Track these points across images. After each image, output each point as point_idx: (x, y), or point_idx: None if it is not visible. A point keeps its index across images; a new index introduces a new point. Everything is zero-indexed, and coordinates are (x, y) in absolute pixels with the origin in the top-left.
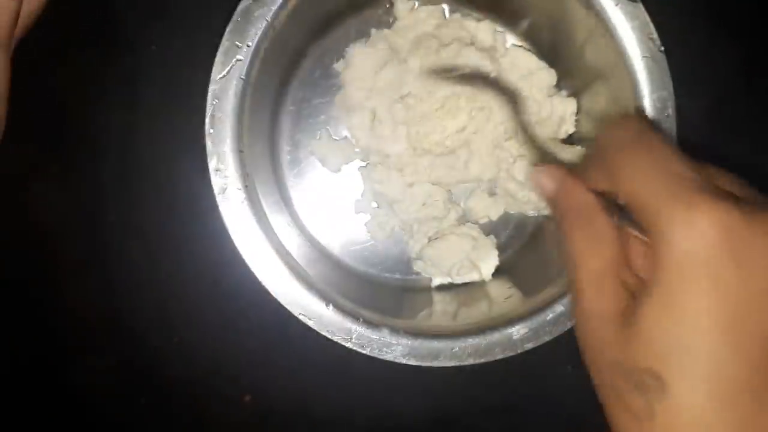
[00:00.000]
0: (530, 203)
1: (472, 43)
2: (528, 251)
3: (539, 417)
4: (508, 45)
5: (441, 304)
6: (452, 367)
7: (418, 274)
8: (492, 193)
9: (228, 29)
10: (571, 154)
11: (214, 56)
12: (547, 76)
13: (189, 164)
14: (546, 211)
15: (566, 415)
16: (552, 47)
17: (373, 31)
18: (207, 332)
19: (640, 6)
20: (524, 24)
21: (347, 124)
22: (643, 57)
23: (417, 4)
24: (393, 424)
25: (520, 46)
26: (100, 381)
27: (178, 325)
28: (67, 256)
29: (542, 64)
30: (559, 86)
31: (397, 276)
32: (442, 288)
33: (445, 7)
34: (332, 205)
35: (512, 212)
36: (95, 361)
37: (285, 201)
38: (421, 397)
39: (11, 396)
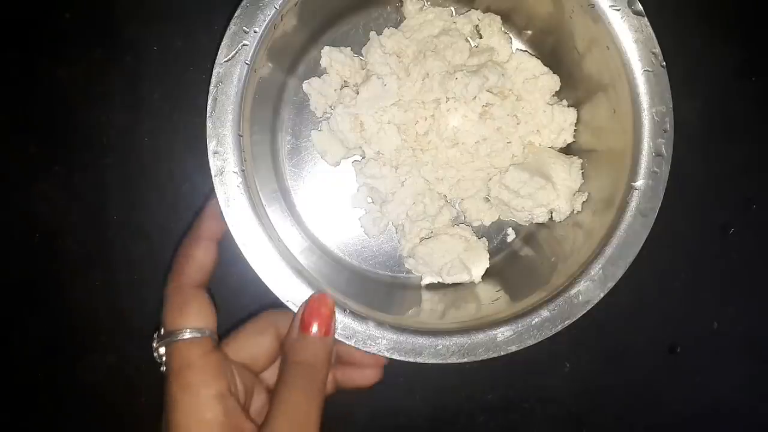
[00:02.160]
0: (523, 212)
1: (477, 45)
2: (518, 256)
3: (537, 413)
4: (513, 49)
5: (429, 302)
6: (451, 364)
7: (408, 271)
8: (488, 198)
9: (236, 14)
10: (568, 163)
11: (214, 58)
12: (550, 80)
13: (190, 163)
14: (539, 220)
15: (564, 413)
16: (555, 56)
17: (372, 34)
18: None
19: (645, 20)
20: (529, 32)
21: (333, 127)
22: (645, 71)
23: (426, 4)
24: (393, 421)
25: (525, 51)
26: (101, 379)
27: None
28: (69, 254)
29: (546, 69)
30: (560, 96)
31: (388, 272)
32: (431, 287)
33: (453, 9)
34: (329, 197)
35: (505, 219)
36: (97, 360)
37: (282, 190)
38: (421, 395)
39: (13, 394)
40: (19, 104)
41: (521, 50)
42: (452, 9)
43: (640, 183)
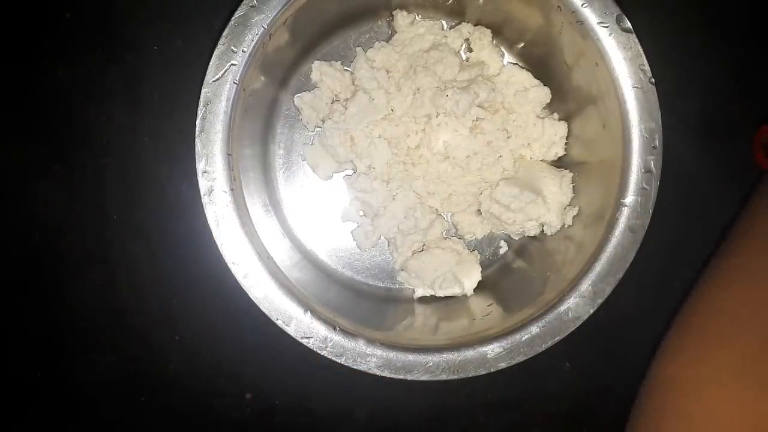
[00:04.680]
0: (514, 225)
1: (468, 59)
2: (511, 270)
3: (537, 413)
4: (504, 62)
5: (422, 316)
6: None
7: (401, 284)
8: (479, 212)
9: (224, 33)
10: (559, 177)
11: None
12: (541, 93)
13: (190, 163)
14: (531, 233)
15: (564, 412)
16: (545, 69)
17: (359, 50)
18: (208, 330)
19: (633, 36)
20: (519, 45)
21: (323, 141)
22: (634, 87)
23: (417, 17)
24: (392, 419)
25: (515, 64)
26: (101, 379)
27: (179, 323)
28: (68, 254)
29: (537, 82)
30: (551, 109)
31: (381, 284)
32: (424, 300)
33: (443, 22)
34: (321, 211)
35: (497, 232)
36: (97, 359)
37: (274, 204)
38: (421, 393)
39: (13, 393)
40: (19, 104)
41: (512, 63)
42: (443, 22)
43: (629, 199)
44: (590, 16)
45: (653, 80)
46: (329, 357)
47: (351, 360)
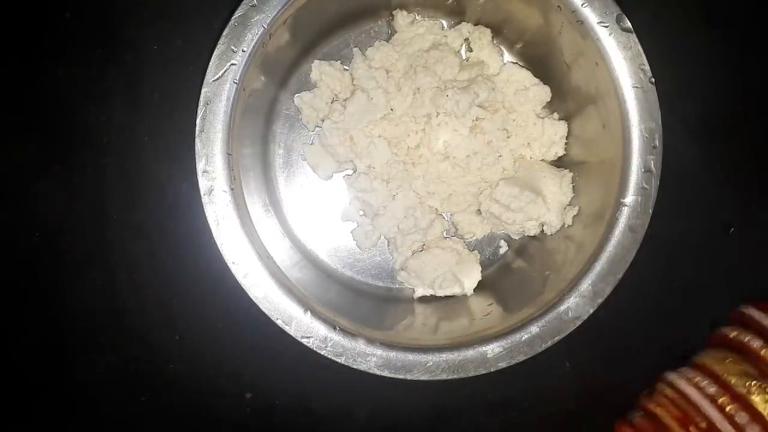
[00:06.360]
0: (514, 225)
1: (468, 58)
2: (511, 270)
3: (537, 413)
4: (504, 61)
5: (422, 316)
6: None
7: (401, 284)
8: (479, 211)
9: (224, 33)
10: (559, 176)
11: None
12: (541, 91)
13: (190, 163)
14: (530, 233)
15: (564, 412)
16: (545, 69)
17: (356, 50)
18: (208, 330)
19: (633, 36)
20: (519, 45)
21: (323, 141)
22: (634, 87)
23: (417, 17)
24: (392, 419)
25: (515, 63)
26: (101, 378)
27: (179, 323)
28: (68, 254)
29: (537, 80)
30: (551, 109)
31: (381, 284)
32: (424, 300)
33: (443, 22)
34: (321, 210)
35: (497, 232)
36: (97, 359)
37: (274, 204)
38: (421, 393)
39: (13, 393)
40: (19, 104)
41: (512, 62)
42: (443, 22)
43: (629, 199)
44: (590, 16)
45: (653, 80)
46: (329, 357)
47: (351, 360)
